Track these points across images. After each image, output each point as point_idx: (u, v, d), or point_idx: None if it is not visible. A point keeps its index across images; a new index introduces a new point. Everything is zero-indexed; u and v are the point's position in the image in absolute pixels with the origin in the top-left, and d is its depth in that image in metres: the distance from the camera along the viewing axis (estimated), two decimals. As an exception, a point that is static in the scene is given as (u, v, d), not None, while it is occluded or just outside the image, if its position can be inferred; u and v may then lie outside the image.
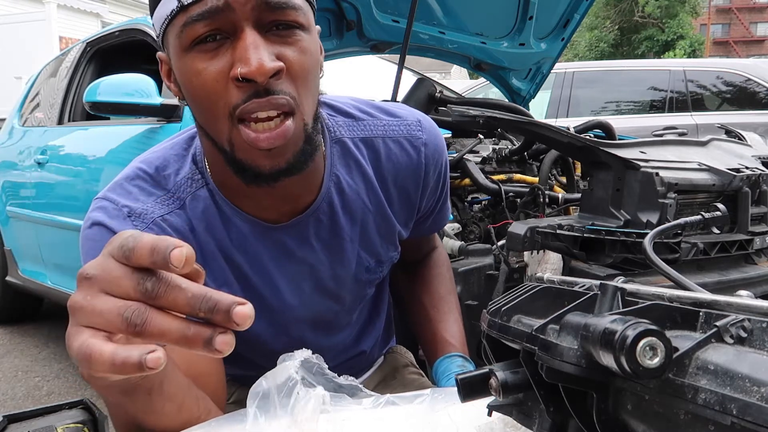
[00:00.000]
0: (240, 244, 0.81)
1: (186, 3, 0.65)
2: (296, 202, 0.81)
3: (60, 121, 3.10)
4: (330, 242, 0.86)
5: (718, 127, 2.21)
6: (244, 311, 0.40)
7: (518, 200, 1.73)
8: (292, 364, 0.62)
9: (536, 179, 1.83)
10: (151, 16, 0.72)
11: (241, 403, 0.97)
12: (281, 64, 0.66)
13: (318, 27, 0.75)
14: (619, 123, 2.67)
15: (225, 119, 0.68)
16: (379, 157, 0.87)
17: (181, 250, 0.40)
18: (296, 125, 0.68)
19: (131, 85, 2.20)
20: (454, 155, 1.77)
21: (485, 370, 0.45)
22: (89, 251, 0.76)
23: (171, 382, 0.63)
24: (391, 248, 0.94)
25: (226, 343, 0.40)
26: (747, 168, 1.48)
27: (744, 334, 0.32)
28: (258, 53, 0.64)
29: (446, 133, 1.99)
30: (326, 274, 0.87)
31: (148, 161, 0.81)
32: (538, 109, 5.11)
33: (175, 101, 2.24)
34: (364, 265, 0.91)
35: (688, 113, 5.06)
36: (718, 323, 0.32)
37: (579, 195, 1.64)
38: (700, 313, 0.34)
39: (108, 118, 2.68)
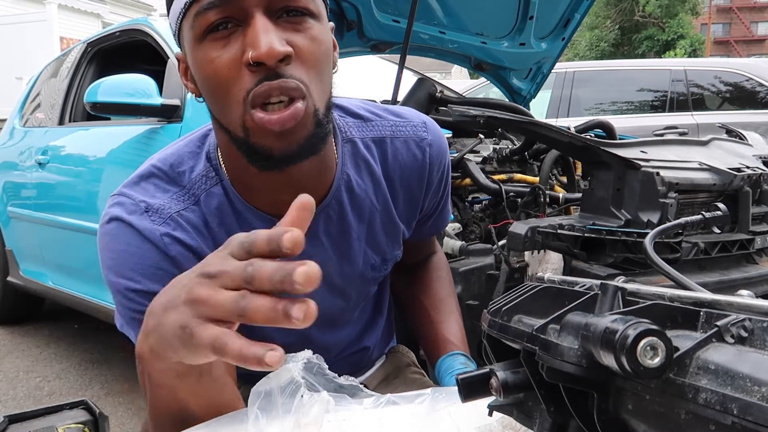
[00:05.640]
0: None
1: None
2: None
3: (61, 122, 3.10)
4: (338, 239, 0.87)
5: (719, 126, 2.21)
6: (304, 269, 0.43)
7: (519, 200, 1.73)
8: (295, 366, 0.62)
9: (537, 179, 1.82)
10: (168, 16, 0.74)
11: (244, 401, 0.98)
12: (290, 49, 0.67)
13: (332, 24, 0.76)
14: (619, 123, 2.66)
15: (239, 105, 0.69)
16: (386, 157, 0.89)
17: (292, 233, 0.44)
18: (307, 108, 0.69)
19: (132, 86, 2.20)
20: (455, 155, 1.76)
21: (486, 370, 0.45)
22: (107, 245, 0.77)
23: (219, 367, 0.66)
24: (396, 246, 0.96)
25: (300, 309, 0.44)
26: (748, 167, 1.48)
27: (745, 334, 0.32)
28: (268, 37, 0.65)
29: (447, 133, 1.98)
30: (334, 270, 0.89)
31: (163, 159, 0.82)
32: (539, 108, 5.10)
33: (175, 101, 2.24)
34: (370, 262, 0.92)
35: (689, 113, 5.05)
36: (718, 323, 0.32)
37: (580, 195, 1.64)
38: (701, 313, 0.34)
39: (109, 119, 2.69)
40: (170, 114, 2.25)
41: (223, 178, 0.80)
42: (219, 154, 0.81)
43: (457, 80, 11.70)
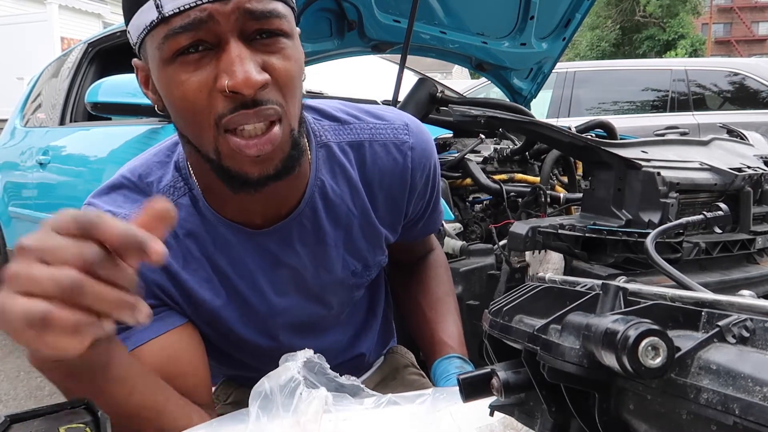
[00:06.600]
0: (224, 250, 0.80)
1: (167, 14, 0.64)
2: (280, 207, 0.81)
3: (62, 122, 3.10)
4: (314, 247, 0.85)
5: (720, 126, 2.20)
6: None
7: (520, 200, 1.73)
8: (294, 364, 0.62)
9: (538, 179, 1.82)
10: (126, 24, 0.70)
11: (239, 404, 0.97)
12: (267, 77, 0.65)
13: (298, 29, 0.74)
14: (620, 123, 2.66)
15: (210, 128, 0.67)
16: (364, 161, 0.87)
17: (160, 247, 0.45)
18: (283, 131, 0.68)
19: (133, 86, 2.17)
20: (456, 155, 1.77)
21: (487, 370, 0.45)
22: None
23: (119, 366, 0.65)
24: (379, 252, 0.93)
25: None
26: (749, 167, 1.47)
27: (746, 334, 0.32)
28: (244, 66, 0.63)
29: (448, 133, 1.99)
30: (311, 278, 0.87)
31: (132, 169, 0.82)
32: (540, 108, 5.10)
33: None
34: (350, 269, 0.90)
35: (690, 113, 5.05)
36: (720, 323, 0.32)
37: (580, 195, 1.64)
38: (702, 313, 0.34)
39: (110, 119, 2.69)
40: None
41: (193, 188, 0.79)
42: (188, 163, 0.80)
43: (458, 80, 11.70)
